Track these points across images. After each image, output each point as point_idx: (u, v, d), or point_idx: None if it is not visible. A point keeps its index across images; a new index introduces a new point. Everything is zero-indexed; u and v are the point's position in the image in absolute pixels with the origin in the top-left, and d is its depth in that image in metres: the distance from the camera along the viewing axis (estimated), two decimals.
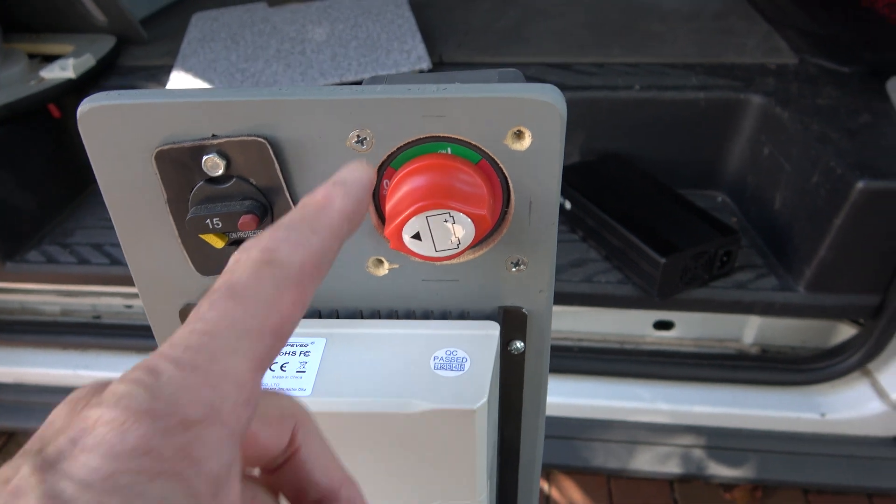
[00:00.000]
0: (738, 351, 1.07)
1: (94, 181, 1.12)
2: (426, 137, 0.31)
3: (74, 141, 1.20)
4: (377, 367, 0.32)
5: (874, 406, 0.96)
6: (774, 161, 1.00)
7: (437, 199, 0.29)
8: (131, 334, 1.10)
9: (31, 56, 1.26)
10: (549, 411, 1.05)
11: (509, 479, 0.42)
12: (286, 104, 0.29)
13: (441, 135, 0.30)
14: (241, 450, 0.19)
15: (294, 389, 0.31)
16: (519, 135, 0.30)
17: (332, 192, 0.23)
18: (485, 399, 0.30)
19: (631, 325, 1.08)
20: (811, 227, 0.91)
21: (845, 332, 1.03)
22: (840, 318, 1.00)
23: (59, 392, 1.10)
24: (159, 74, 1.19)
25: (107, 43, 1.26)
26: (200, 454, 0.17)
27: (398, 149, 0.31)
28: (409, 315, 0.36)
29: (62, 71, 1.12)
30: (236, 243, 0.33)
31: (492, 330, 0.34)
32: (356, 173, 0.24)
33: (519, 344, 0.36)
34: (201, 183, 0.31)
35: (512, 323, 0.36)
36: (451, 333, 0.33)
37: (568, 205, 1.05)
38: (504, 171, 0.31)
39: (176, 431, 0.17)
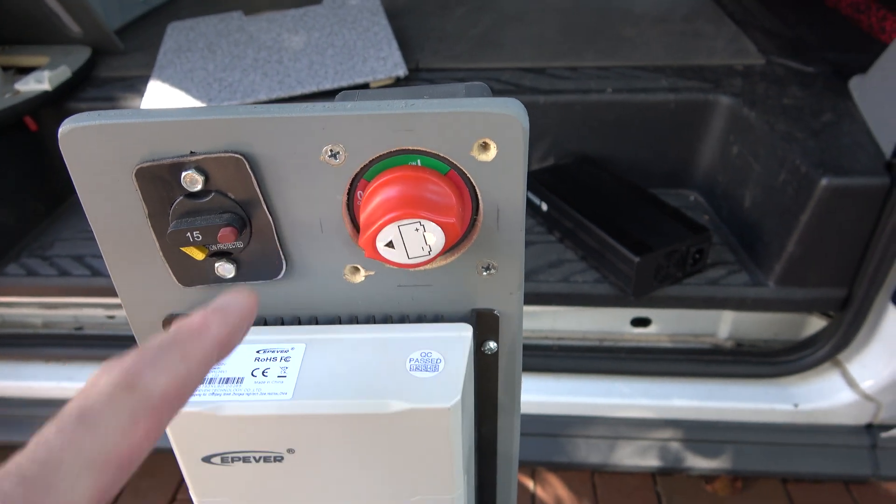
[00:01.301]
0: (714, 345, 1.10)
1: (72, 194, 1.12)
2: (397, 150, 0.32)
3: (51, 154, 1.20)
4: (355, 369, 0.33)
5: (845, 395, 0.99)
6: (743, 160, 1.03)
7: (408, 209, 0.31)
8: (114, 344, 1.10)
9: (5, 68, 1.26)
10: (532, 409, 1.08)
11: (488, 473, 0.44)
12: (261, 122, 0.31)
13: (411, 148, 0.32)
14: None
15: (276, 394, 0.32)
16: (484, 146, 0.32)
17: (210, 319, 0.23)
18: (458, 398, 0.32)
19: (609, 323, 1.10)
20: (779, 224, 0.94)
21: (816, 324, 1.06)
22: (810, 311, 1.03)
23: (43, 405, 1.10)
24: (136, 85, 1.19)
25: (82, 54, 1.26)
26: None
27: (370, 161, 0.32)
28: (386, 319, 0.37)
29: (38, 83, 1.12)
30: (216, 255, 0.35)
31: (464, 332, 0.35)
32: (237, 301, 0.24)
33: (492, 344, 0.38)
34: (181, 198, 0.33)
35: (485, 324, 0.37)
36: (426, 336, 0.35)
37: (544, 206, 1.07)
38: (472, 180, 0.33)
39: None
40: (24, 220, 1.13)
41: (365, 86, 1.12)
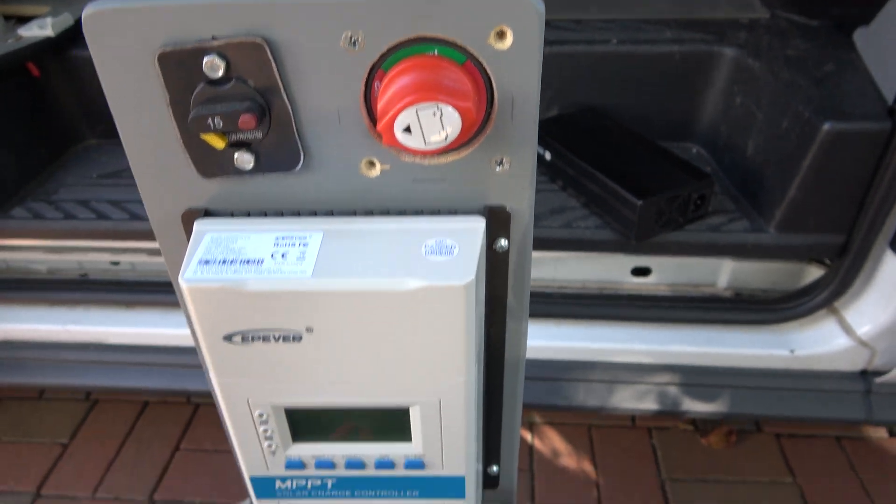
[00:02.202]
0: (713, 295, 1.11)
1: (76, 141, 1.12)
2: (414, 39, 0.33)
3: (55, 100, 1.20)
4: (373, 253, 0.34)
5: (841, 342, 1.01)
6: (746, 110, 1.04)
7: (426, 92, 0.31)
8: (119, 290, 1.11)
9: (7, 18, 1.25)
10: (532, 354, 1.09)
11: (495, 378, 0.45)
12: (283, 6, 0.31)
13: (428, 35, 0.33)
14: None
15: (295, 273, 0.33)
16: (501, 35, 0.32)
17: None
18: (472, 277, 0.33)
19: (610, 273, 1.12)
20: (781, 171, 0.95)
21: (813, 274, 1.08)
22: (808, 258, 1.04)
23: (49, 347, 1.12)
24: None
25: (84, 2, 1.25)
26: None
27: (388, 50, 0.33)
28: (401, 214, 0.38)
29: (41, 29, 1.11)
30: (236, 145, 0.35)
31: (478, 223, 0.36)
32: None
33: (503, 242, 0.39)
34: (202, 85, 0.33)
35: (497, 221, 0.38)
36: (441, 226, 0.36)
37: (548, 156, 1.08)
38: (488, 70, 0.33)
39: None
40: (28, 165, 1.14)
41: None
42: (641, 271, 1.12)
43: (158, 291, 1.10)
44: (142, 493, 1.29)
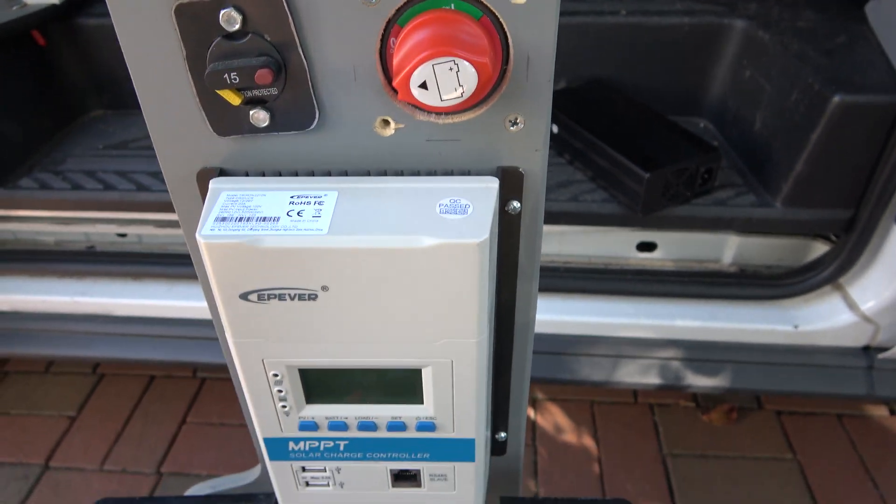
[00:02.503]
0: (718, 271, 1.12)
1: (83, 113, 1.12)
2: None
3: (61, 69, 1.20)
4: (388, 212, 0.34)
5: (845, 317, 1.01)
6: (755, 83, 1.03)
7: (443, 47, 0.31)
8: (125, 261, 1.12)
9: None
10: (537, 329, 1.09)
11: (505, 341, 0.46)
12: None
13: None
14: None
15: (311, 230, 0.33)
16: None
17: None
18: (486, 235, 0.33)
19: (615, 248, 1.12)
20: (789, 144, 0.94)
21: (818, 250, 1.08)
22: (814, 233, 1.04)
23: (57, 318, 1.13)
24: None
25: None
26: None
27: (404, 4, 0.33)
28: (414, 174, 0.38)
29: None
30: (251, 102, 0.35)
31: (491, 183, 0.36)
32: None
33: (516, 204, 0.39)
34: (219, 39, 0.33)
35: (510, 182, 0.38)
36: (455, 186, 0.36)
37: (555, 129, 1.07)
38: (504, 25, 0.33)
39: None
40: (34, 134, 1.13)
41: None
42: (647, 246, 1.12)
43: (165, 263, 1.10)
44: (149, 466, 1.30)
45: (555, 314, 1.06)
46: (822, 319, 1.02)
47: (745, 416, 1.41)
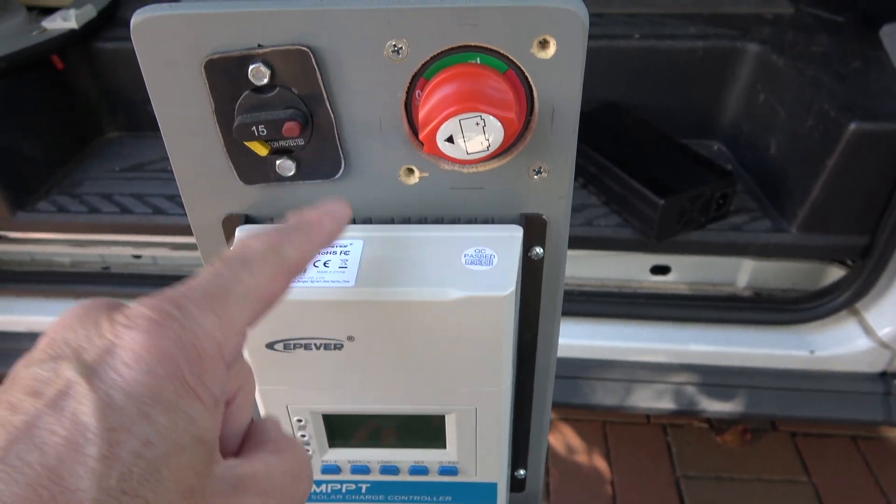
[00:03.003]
0: (732, 294, 1.11)
1: (99, 133, 1.13)
2: (457, 48, 0.33)
3: (78, 92, 1.21)
4: (414, 262, 0.34)
5: (861, 343, 1.01)
6: (769, 107, 1.03)
7: (470, 102, 0.32)
8: (141, 283, 1.13)
9: (29, 9, 1.26)
10: None
11: (525, 382, 0.45)
12: (329, 14, 0.32)
13: (471, 44, 0.33)
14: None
15: (338, 282, 0.33)
16: (544, 44, 0.32)
17: (323, 217, 0.29)
18: (513, 287, 0.33)
19: (628, 271, 1.12)
20: (805, 170, 0.94)
21: (834, 274, 1.07)
22: (831, 259, 1.03)
23: None
24: None
25: None
26: (209, 381, 0.21)
27: (430, 59, 0.33)
28: (438, 222, 0.38)
29: (64, 21, 1.12)
30: (278, 152, 0.36)
31: (516, 232, 0.37)
32: (341, 208, 0.30)
33: (539, 250, 0.39)
34: (247, 92, 0.33)
35: (533, 229, 0.38)
36: (479, 235, 0.36)
37: None
38: (529, 79, 0.34)
39: (195, 361, 0.20)
40: (52, 156, 1.15)
41: None
42: (660, 269, 1.12)
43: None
44: None
45: (568, 338, 1.06)
46: (838, 345, 1.02)
47: (760, 437, 1.40)
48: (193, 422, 0.20)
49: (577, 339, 1.06)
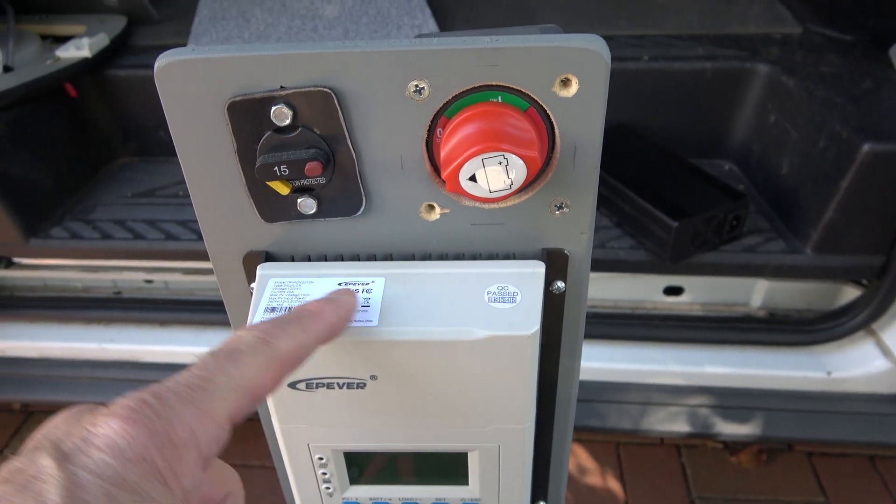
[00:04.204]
0: (747, 315, 1.10)
1: (111, 159, 1.14)
2: (478, 87, 0.33)
3: (92, 119, 1.22)
4: (436, 301, 0.34)
5: (879, 364, 0.99)
6: (781, 128, 1.03)
7: (493, 142, 0.31)
8: (152, 308, 1.13)
9: (43, 37, 1.27)
10: None
11: (546, 417, 0.45)
12: (352, 56, 0.32)
13: (493, 83, 0.33)
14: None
15: (361, 321, 0.33)
16: (566, 82, 0.32)
17: (325, 307, 0.30)
18: (537, 327, 0.33)
19: (641, 292, 1.11)
20: (818, 191, 0.93)
21: (849, 294, 1.06)
22: (846, 279, 1.03)
23: (84, 366, 1.13)
24: None
25: (118, 23, 1.27)
26: (180, 470, 0.21)
27: (452, 98, 0.33)
28: (458, 257, 0.38)
29: (78, 50, 1.13)
30: (299, 191, 0.36)
31: (538, 268, 0.36)
32: (346, 297, 0.31)
33: (560, 284, 0.39)
34: (269, 132, 0.34)
35: (554, 264, 0.38)
36: (502, 272, 0.36)
37: None
38: (551, 117, 0.33)
39: (167, 448, 0.21)
40: (65, 182, 1.15)
41: None
42: (674, 290, 1.11)
43: (192, 310, 1.11)
44: None
45: (582, 361, 1.05)
46: (855, 366, 1.01)
47: (776, 457, 1.38)
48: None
49: (591, 361, 1.06)
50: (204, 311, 1.11)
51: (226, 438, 0.24)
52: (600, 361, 1.05)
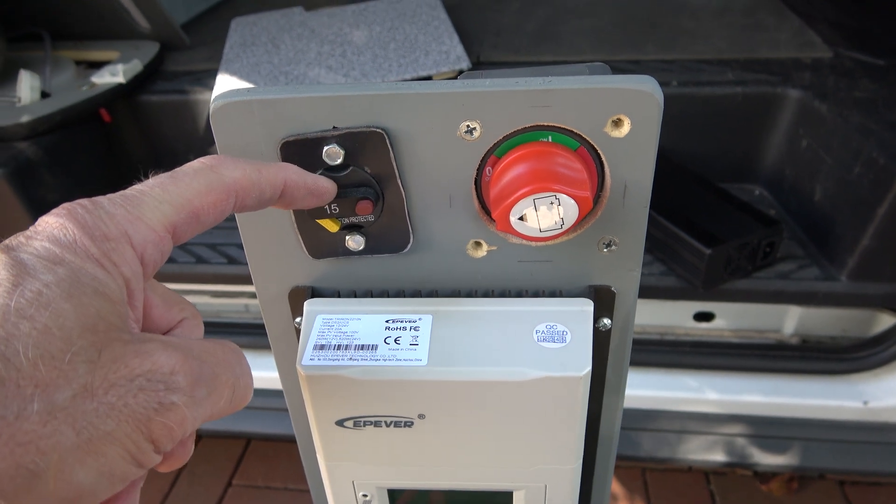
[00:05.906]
0: (779, 341, 1.09)
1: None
2: (529, 127, 0.33)
3: (124, 144, 1.24)
4: (484, 339, 0.34)
5: None
6: (814, 153, 1.01)
7: (545, 182, 0.31)
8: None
9: (77, 63, 1.30)
10: None
11: (589, 452, 0.44)
12: (404, 98, 0.32)
13: (544, 124, 0.33)
14: (143, 299, 0.25)
15: (411, 360, 0.33)
16: (618, 123, 0.32)
17: (289, 170, 0.30)
18: (589, 367, 0.33)
19: (671, 317, 1.10)
20: (853, 217, 0.92)
21: (884, 321, 1.04)
22: (883, 307, 1.01)
23: None
24: (204, 79, 1.22)
25: (151, 48, 1.30)
26: (115, 258, 0.23)
27: (503, 138, 0.33)
28: (504, 294, 0.38)
29: (112, 76, 1.15)
30: (348, 228, 0.36)
31: (586, 306, 0.36)
32: (318, 179, 0.32)
33: (606, 321, 0.39)
34: (321, 171, 0.34)
35: (601, 301, 0.38)
36: (550, 309, 0.36)
37: None
38: (602, 156, 0.33)
39: (99, 240, 0.23)
40: None
41: (428, 78, 1.13)
42: (704, 316, 1.09)
43: (219, 332, 1.11)
44: None
45: None
46: (893, 395, 0.98)
47: (807, 485, 1.35)
48: (96, 279, 0.22)
49: None
50: (231, 333, 1.11)
51: (166, 247, 0.25)
52: (631, 388, 1.04)
